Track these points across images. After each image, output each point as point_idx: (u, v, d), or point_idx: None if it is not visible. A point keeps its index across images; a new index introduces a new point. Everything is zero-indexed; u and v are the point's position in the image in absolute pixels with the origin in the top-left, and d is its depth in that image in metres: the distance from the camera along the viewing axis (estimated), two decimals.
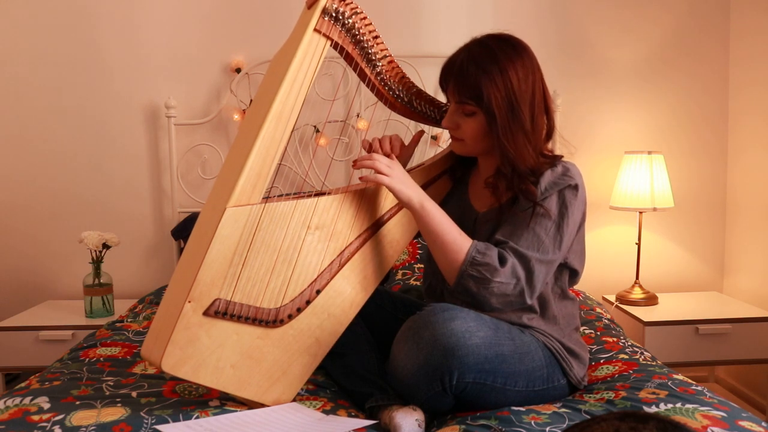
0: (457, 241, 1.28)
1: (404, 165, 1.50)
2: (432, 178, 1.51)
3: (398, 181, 1.29)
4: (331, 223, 1.31)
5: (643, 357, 1.56)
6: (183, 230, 2.36)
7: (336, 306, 1.32)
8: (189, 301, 1.15)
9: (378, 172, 1.28)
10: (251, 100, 2.41)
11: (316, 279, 1.29)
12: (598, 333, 1.79)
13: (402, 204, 1.31)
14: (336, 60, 2.18)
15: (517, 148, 1.30)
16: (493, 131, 1.31)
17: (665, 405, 1.22)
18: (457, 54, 1.35)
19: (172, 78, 2.48)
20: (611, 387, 1.36)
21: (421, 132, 1.51)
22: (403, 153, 1.47)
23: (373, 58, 1.35)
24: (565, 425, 1.16)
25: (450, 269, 1.28)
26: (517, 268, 1.26)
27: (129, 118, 2.49)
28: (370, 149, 1.43)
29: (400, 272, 2.23)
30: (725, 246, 2.63)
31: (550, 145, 1.41)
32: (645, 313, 2.25)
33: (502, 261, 1.26)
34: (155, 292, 2.21)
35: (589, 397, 1.34)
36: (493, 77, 1.28)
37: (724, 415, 1.17)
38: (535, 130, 1.32)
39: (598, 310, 2.03)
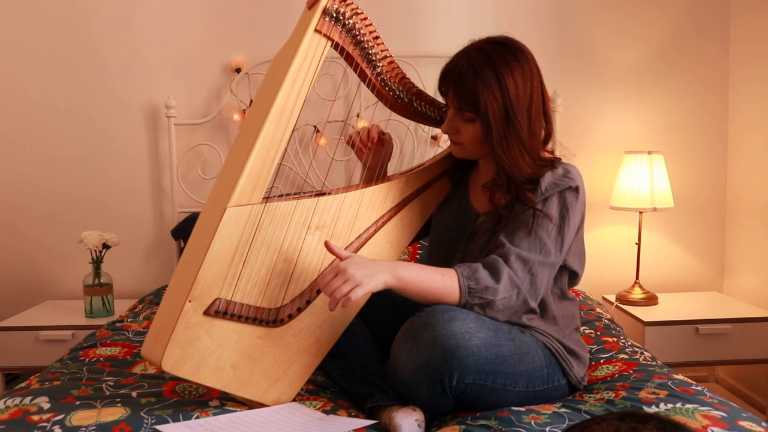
0: (446, 284, 1.24)
1: (384, 161, 1.51)
2: (432, 179, 1.51)
3: (366, 279, 1.15)
4: (331, 223, 1.31)
5: (643, 357, 1.56)
6: (183, 230, 2.36)
7: None
8: (189, 301, 1.15)
9: (342, 292, 1.14)
10: (251, 100, 2.41)
11: (316, 279, 1.29)
12: (598, 333, 1.79)
13: (384, 288, 1.19)
14: (336, 60, 2.18)
15: (513, 158, 1.30)
16: (489, 140, 1.31)
17: (665, 405, 1.22)
18: (456, 59, 1.35)
19: (172, 78, 2.48)
20: (611, 387, 1.36)
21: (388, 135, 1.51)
22: (378, 151, 1.50)
23: (374, 58, 1.35)
24: (565, 425, 1.16)
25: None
26: (515, 277, 1.26)
27: (129, 118, 2.49)
28: (353, 144, 1.48)
29: None
30: (725, 246, 2.63)
31: (550, 146, 1.41)
32: (645, 313, 2.25)
33: (495, 275, 1.25)
34: (155, 292, 2.21)
35: (589, 397, 1.34)
36: (490, 85, 1.28)
37: (724, 415, 1.17)
38: (533, 137, 1.32)
39: (598, 310, 2.03)
